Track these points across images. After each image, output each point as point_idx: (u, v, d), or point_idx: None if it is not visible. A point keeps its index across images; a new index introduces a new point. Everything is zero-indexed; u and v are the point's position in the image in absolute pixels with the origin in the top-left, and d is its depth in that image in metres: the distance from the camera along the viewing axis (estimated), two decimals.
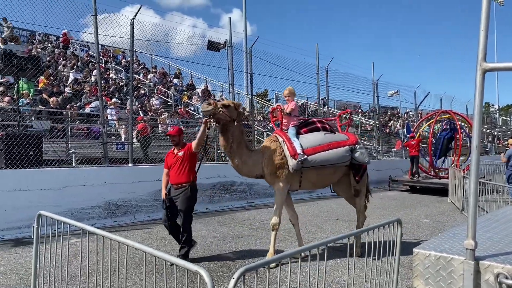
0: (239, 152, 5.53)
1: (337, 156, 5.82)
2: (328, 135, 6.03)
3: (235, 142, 5.48)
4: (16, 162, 7.49)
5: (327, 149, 5.78)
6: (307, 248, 2.64)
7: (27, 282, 4.61)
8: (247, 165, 5.63)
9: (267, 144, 5.85)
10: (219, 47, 12.53)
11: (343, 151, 5.88)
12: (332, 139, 5.94)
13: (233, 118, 5.44)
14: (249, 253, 6.14)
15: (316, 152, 5.68)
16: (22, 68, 7.74)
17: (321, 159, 5.70)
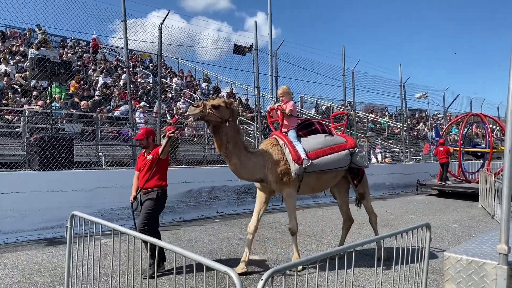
0: (237, 153, 5.17)
1: (339, 160, 5.64)
2: (329, 137, 5.82)
3: (230, 142, 5.11)
4: (49, 164, 7.74)
5: (329, 153, 5.57)
6: (334, 252, 2.63)
7: (60, 281, 4.75)
8: (247, 167, 5.28)
9: (267, 147, 5.51)
10: (244, 51, 12.61)
11: (344, 155, 5.69)
12: (333, 142, 5.73)
13: (225, 118, 5.04)
14: (275, 256, 6.16)
15: (319, 156, 5.46)
16: (55, 73, 8.00)
17: (324, 163, 5.49)
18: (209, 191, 10.33)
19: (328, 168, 5.58)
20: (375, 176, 15.98)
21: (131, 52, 19.22)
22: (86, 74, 15.63)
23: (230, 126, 5.08)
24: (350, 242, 6.98)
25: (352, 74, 16.31)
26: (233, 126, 5.14)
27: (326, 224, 8.89)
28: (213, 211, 10.30)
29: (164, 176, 5.46)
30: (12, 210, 7.11)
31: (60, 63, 8.45)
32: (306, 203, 12.66)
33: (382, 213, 10.55)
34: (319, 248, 6.60)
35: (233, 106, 5.18)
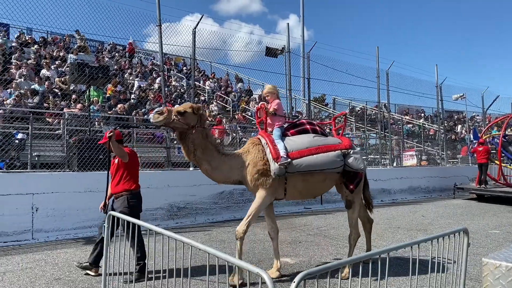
0: (207, 159, 5.01)
1: (327, 161, 5.14)
2: (318, 137, 5.37)
3: (198, 149, 4.95)
4: (87, 165, 8.00)
5: (315, 153, 5.12)
6: (368, 256, 2.61)
7: (98, 279, 4.90)
8: (221, 171, 5.11)
9: (249, 148, 5.28)
10: (276, 53, 12.64)
11: (334, 155, 5.20)
12: (322, 142, 5.28)
13: (191, 125, 4.89)
14: (307, 259, 6.12)
15: (302, 156, 5.04)
16: (93, 77, 8.28)
17: (307, 163, 5.04)
18: (241, 192, 10.39)
19: (313, 169, 5.11)
20: (410, 179, 15.64)
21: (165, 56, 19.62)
22: (123, 78, 16.06)
23: (197, 132, 4.93)
24: (384, 246, 6.86)
25: (386, 75, 16.03)
26: (200, 132, 4.98)
27: (360, 227, 8.75)
28: (245, 212, 10.20)
29: (133, 179, 5.33)
30: (53, 209, 7.40)
31: (98, 68, 8.74)
32: (339, 206, 12.52)
33: (417, 217, 10.31)
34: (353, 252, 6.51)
35: (201, 112, 5.03)
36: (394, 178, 15.05)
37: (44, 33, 18.21)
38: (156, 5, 9.65)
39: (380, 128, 16.98)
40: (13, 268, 5.44)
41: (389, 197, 14.66)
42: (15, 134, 9.06)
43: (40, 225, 7.25)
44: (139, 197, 5.38)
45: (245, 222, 5.06)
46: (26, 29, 17.69)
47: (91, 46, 19.97)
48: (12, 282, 4.84)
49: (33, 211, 7.21)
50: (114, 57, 19.27)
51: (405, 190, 15.40)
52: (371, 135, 19.33)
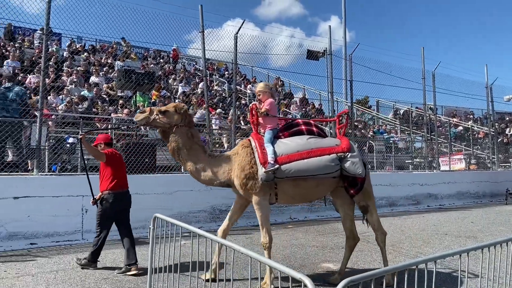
0: (193, 159, 5.01)
1: (319, 166, 4.80)
2: (313, 139, 5.02)
3: (183, 148, 4.96)
4: (134, 168, 8.26)
5: (306, 157, 4.79)
6: (414, 263, 2.53)
7: (143, 279, 5.04)
8: (206, 172, 5.04)
9: (238, 150, 5.13)
10: (318, 56, 12.56)
11: (327, 160, 4.83)
12: (316, 145, 4.93)
13: (173, 124, 4.93)
14: (350, 265, 6.01)
15: (291, 161, 4.76)
16: (140, 83, 8.56)
17: (297, 169, 4.75)
18: None
19: (304, 175, 4.81)
20: (458, 184, 15.06)
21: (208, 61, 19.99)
22: (167, 83, 16.49)
23: (180, 131, 4.94)
24: (431, 253, 6.64)
25: (433, 76, 15.53)
26: (185, 132, 4.97)
27: (404, 233, 8.53)
28: (286, 216, 10.33)
29: (112, 179, 5.59)
30: None
31: (143, 74, 9.04)
32: (383, 212, 12.24)
33: (466, 224, 9.90)
34: (397, 259, 6.35)
35: (184, 111, 5.03)
36: (441, 183, 14.53)
37: (93, 41, 19.03)
38: (199, 12, 9.86)
39: (426, 131, 16.45)
40: (65, 267, 5.70)
41: (436, 202, 14.17)
42: (66, 139, 9.51)
43: (89, 226, 7.54)
44: (117, 195, 5.66)
45: (264, 233, 5.01)
46: (77, 37, 18.59)
47: (137, 53, 20.67)
48: (64, 280, 5.07)
49: (83, 212, 7.52)
50: (159, 63, 19.82)
51: (453, 195, 14.83)
52: (417, 138, 18.76)
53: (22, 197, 7.02)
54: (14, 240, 6.89)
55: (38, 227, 7.10)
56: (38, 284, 4.88)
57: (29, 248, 6.88)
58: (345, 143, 5.03)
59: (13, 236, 6.89)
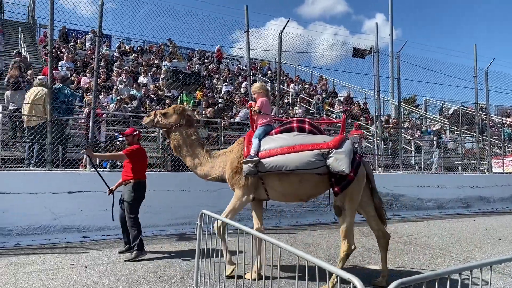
0: (191, 155, 5.53)
1: (299, 161, 4.74)
2: (300, 136, 5.02)
3: (183, 146, 5.52)
4: (180, 165, 8.46)
5: (286, 152, 4.80)
6: (468, 268, 2.44)
7: (190, 274, 5.16)
8: (202, 167, 5.49)
9: (233, 147, 5.45)
10: (364, 54, 12.32)
11: (309, 155, 4.74)
12: (301, 141, 4.89)
13: (173, 124, 5.50)
14: (397, 267, 5.88)
15: (272, 155, 4.83)
16: (186, 82, 8.75)
17: (276, 163, 4.79)
18: (326, 197, 10.24)
19: (284, 170, 4.80)
20: None
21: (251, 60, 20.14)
22: (211, 83, 16.74)
23: (179, 130, 5.50)
24: (483, 258, 6.36)
25: (485, 74, 14.85)
26: (184, 130, 5.52)
27: (454, 237, 8.22)
28: (330, 216, 10.22)
29: (139, 170, 6.30)
30: (149, 206, 7.90)
31: (190, 74, 9.24)
32: (430, 214, 11.86)
33: None
34: (446, 263, 6.13)
35: (181, 111, 5.56)
36: (494, 185, 13.87)
37: (141, 42, 19.64)
38: (244, 12, 9.93)
39: (478, 131, 15.75)
40: (116, 260, 5.93)
41: (488, 205, 13.54)
42: (117, 137, 9.87)
43: None
44: (142, 186, 6.36)
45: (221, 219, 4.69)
46: (126, 39, 19.26)
47: (182, 53, 21.14)
48: (114, 272, 5.28)
49: None
50: (204, 63, 20.16)
51: (507, 198, 14.13)
52: (467, 139, 18.00)
53: (75, 192, 7.37)
54: (68, 233, 7.25)
55: (90, 220, 7.43)
56: (91, 276, 5.11)
57: (81, 240, 7.22)
58: (334, 140, 4.90)
59: (67, 229, 7.24)
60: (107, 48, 18.38)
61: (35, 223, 6.99)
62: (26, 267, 5.42)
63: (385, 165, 12.48)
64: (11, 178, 7.04)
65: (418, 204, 11.92)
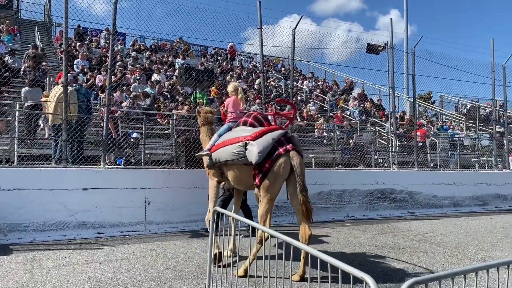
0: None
1: (227, 154, 5.30)
2: (240, 130, 5.46)
3: (202, 141, 6.53)
4: (194, 162, 8.49)
5: (222, 146, 5.42)
6: (485, 267, 2.38)
7: (203, 271, 5.17)
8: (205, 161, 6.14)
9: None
10: (378, 50, 12.18)
11: (233, 148, 5.22)
12: (236, 135, 5.35)
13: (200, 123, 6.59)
14: (411, 266, 5.81)
15: (216, 149, 5.57)
16: (200, 80, 8.76)
17: (216, 156, 5.54)
18: (340, 194, 10.22)
19: (222, 161, 5.46)
20: None
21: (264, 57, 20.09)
22: (225, 80, 16.76)
23: (202, 129, 6.53)
24: (501, 257, 6.24)
25: (503, 69, 14.56)
26: (205, 129, 6.48)
27: (470, 235, 8.09)
28: (343, 214, 10.16)
29: None
30: (163, 203, 7.99)
31: (203, 71, 9.24)
32: (446, 212, 11.70)
33: None
34: (462, 262, 6.03)
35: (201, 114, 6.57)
36: (511, 183, 13.62)
37: (155, 40, 19.74)
38: (258, 9, 9.89)
39: (495, 128, 15.48)
40: (129, 256, 5.98)
41: (505, 203, 13.31)
42: (131, 134, 9.96)
43: (151, 217, 7.87)
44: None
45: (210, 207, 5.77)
46: (140, 37, 19.39)
47: (196, 51, 21.19)
48: (128, 269, 5.32)
49: (145, 204, 7.84)
50: (217, 60, 20.19)
51: None
52: (484, 135, 17.71)
53: (90, 189, 7.45)
54: (83, 229, 7.33)
55: (105, 217, 7.50)
56: (105, 271, 5.16)
57: (96, 237, 7.29)
58: (254, 133, 5.17)
59: (82, 225, 7.32)
60: (122, 46, 18.53)
61: (51, 219, 7.09)
62: (42, 263, 5.50)
63: (399, 162, 12.35)
64: (27, 175, 7.14)
65: (433, 202, 11.76)
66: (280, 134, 5.19)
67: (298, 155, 5.11)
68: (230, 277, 3.99)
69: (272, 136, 5.12)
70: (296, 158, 5.06)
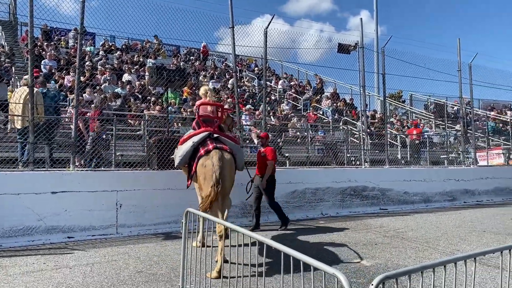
0: None
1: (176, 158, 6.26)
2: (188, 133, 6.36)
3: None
4: (166, 164, 8.37)
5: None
6: (452, 260, 2.43)
7: (176, 272, 5.10)
8: None
9: None
10: (349, 49, 12.33)
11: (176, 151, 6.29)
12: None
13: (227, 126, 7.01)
14: (384, 261, 5.90)
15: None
16: (171, 79, 8.65)
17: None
18: (314, 192, 10.29)
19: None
20: (497, 179, 14.55)
21: (237, 57, 20.03)
22: (197, 80, 16.64)
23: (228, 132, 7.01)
24: (469, 250, 6.41)
25: (469, 68, 15.00)
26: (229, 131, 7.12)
27: (440, 230, 8.29)
28: (317, 212, 10.24)
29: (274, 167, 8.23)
30: (134, 205, 7.84)
31: (175, 70, 9.12)
32: (417, 208, 11.96)
33: (506, 221, 9.53)
34: (433, 256, 6.17)
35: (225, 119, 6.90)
36: (479, 178, 14.05)
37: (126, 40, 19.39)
38: (229, 8, 9.85)
39: (463, 125, 15.94)
40: (100, 260, 5.84)
41: (473, 198, 13.71)
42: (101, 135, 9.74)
43: (123, 220, 7.72)
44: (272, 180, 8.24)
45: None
46: (110, 36, 19.01)
47: (168, 51, 20.95)
48: (99, 273, 5.20)
49: (117, 207, 7.69)
50: (190, 60, 20.02)
51: (491, 191, 14.32)
52: (452, 133, 18.21)
53: (59, 192, 7.24)
54: (53, 234, 7.12)
55: (75, 221, 7.31)
56: (75, 276, 5.02)
57: (66, 241, 7.10)
58: (185, 137, 6.10)
59: (51, 230, 7.11)
60: (91, 46, 18.13)
61: (18, 225, 6.85)
62: (8, 270, 5.31)
63: (371, 160, 12.55)
64: None
65: (404, 198, 12.00)
66: (203, 136, 5.70)
67: (220, 152, 5.49)
68: (204, 278, 3.94)
69: (193, 140, 5.71)
70: (215, 156, 5.40)
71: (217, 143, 5.67)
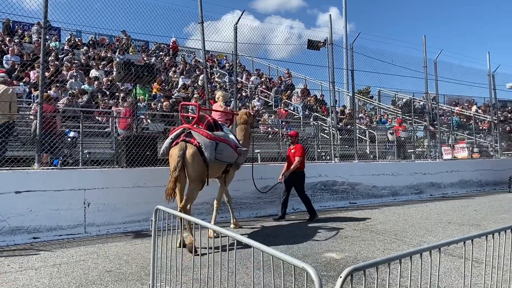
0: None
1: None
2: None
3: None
4: (135, 161, 8.23)
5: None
6: (418, 251, 2.50)
7: (146, 271, 5.04)
8: None
9: None
10: (319, 46, 12.45)
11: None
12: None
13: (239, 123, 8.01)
14: (353, 254, 6.00)
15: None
16: (139, 75, 8.49)
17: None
18: None
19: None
20: (461, 172, 15.04)
21: (208, 53, 19.87)
22: (167, 76, 16.42)
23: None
24: (435, 241, 6.61)
25: (434, 64, 15.42)
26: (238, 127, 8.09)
27: (408, 222, 8.51)
28: (288, 207, 10.29)
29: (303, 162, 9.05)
30: (103, 204, 7.68)
31: (143, 66, 8.96)
32: (385, 201, 12.23)
33: (469, 212, 9.88)
34: (400, 248, 6.33)
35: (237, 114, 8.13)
36: (444, 172, 14.50)
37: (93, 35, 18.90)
38: (198, 3, 9.76)
39: (428, 120, 16.39)
40: (68, 260, 5.70)
41: (439, 191, 14.15)
42: (67, 133, 9.48)
43: (91, 219, 7.55)
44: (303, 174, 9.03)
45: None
46: (76, 31, 18.48)
47: (137, 46, 20.56)
48: (67, 273, 5.07)
49: (85, 206, 7.51)
50: (159, 56, 19.72)
51: (456, 183, 14.82)
52: (419, 127, 18.70)
53: (24, 192, 7.01)
54: (17, 235, 6.89)
55: (41, 221, 7.10)
56: (41, 278, 4.88)
57: (32, 242, 6.89)
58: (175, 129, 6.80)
59: (16, 231, 6.88)
60: (56, 41, 17.59)
61: None
62: None
63: (341, 155, 12.74)
64: None
65: (373, 192, 12.25)
66: (179, 132, 6.50)
67: (184, 144, 6.27)
68: (175, 276, 3.90)
69: (171, 136, 6.58)
70: (175, 148, 6.31)
71: (187, 137, 6.38)
